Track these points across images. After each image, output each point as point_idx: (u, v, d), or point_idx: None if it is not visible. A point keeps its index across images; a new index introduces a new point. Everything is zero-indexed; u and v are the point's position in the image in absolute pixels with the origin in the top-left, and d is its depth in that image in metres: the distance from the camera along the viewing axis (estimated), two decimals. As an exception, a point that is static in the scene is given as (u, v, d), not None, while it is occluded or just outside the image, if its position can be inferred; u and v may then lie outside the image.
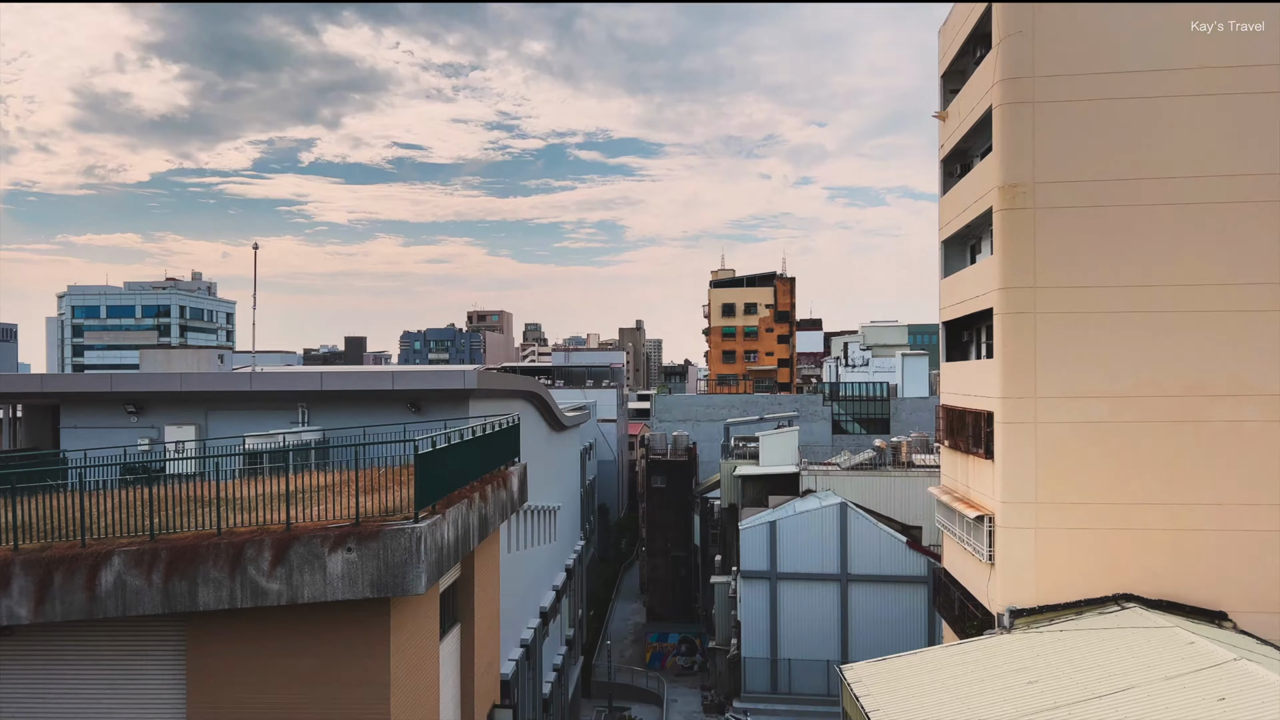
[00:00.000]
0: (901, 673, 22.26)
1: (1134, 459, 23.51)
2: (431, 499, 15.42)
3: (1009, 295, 23.96)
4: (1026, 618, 23.49)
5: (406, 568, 14.14)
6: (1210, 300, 23.13)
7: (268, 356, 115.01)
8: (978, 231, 28.85)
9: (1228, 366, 23.10)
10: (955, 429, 28.74)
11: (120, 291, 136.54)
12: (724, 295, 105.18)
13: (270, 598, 13.97)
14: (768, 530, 44.41)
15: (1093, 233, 23.61)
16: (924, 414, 72.14)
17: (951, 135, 29.52)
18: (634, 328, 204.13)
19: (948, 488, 30.21)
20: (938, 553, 36.76)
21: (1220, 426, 23.15)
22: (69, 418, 24.33)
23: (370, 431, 21.78)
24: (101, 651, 14.78)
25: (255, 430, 22.38)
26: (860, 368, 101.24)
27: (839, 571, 43.83)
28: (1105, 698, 17.85)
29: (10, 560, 13.79)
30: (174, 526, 14.68)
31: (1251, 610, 22.85)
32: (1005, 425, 24.09)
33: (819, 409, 75.92)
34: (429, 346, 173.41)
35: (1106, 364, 23.58)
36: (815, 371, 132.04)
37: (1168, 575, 23.27)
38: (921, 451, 51.10)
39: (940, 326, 31.34)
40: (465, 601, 20.26)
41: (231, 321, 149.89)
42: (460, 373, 23.28)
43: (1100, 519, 23.57)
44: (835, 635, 44.08)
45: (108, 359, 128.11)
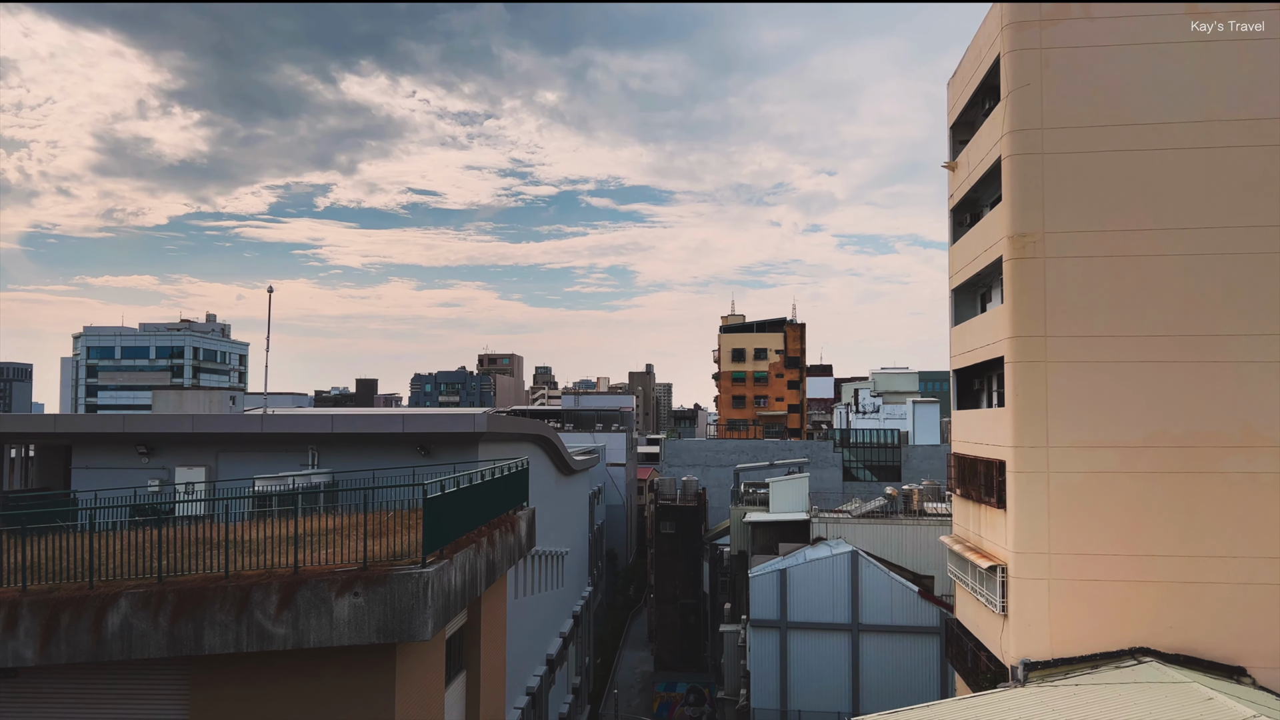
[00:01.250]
0: (913, 726, 21.83)
1: (1148, 510, 23.26)
2: (439, 543, 15.37)
3: (1020, 344, 23.94)
4: (1041, 670, 23.09)
5: (413, 613, 14.05)
6: (1221, 351, 23.05)
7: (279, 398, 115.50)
8: (988, 280, 28.92)
9: (1240, 417, 22.94)
10: (967, 477, 28.53)
11: (135, 333, 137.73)
12: (734, 340, 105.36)
13: (276, 642, 13.89)
14: (778, 578, 43.95)
15: (1103, 282, 23.63)
16: (935, 461, 71.70)
17: (961, 185, 29.75)
18: (644, 371, 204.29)
19: (959, 537, 29.91)
20: (950, 603, 36.29)
21: (1234, 478, 22.92)
22: (81, 458, 24.43)
23: (380, 474, 21.80)
24: (105, 694, 14.67)
25: (265, 472, 22.40)
26: (871, 414, 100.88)
27: (850, 621, 43.25)
28: (1122, 755, 17.45)
29: (18, 601, 13.78)
30: (182, 569, 14.65)
31: (1270, 665, 22.41)
32: (1017, 474, 23.90)
33: (829, 455, 75.54)
34: (439, 389, 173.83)
35: (1118, 414, 23.45)
36: (825, 417, 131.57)
37: (1184, 628, 22.88)
38: (933, 499, 50.70)
39: (951, 374, 31.27)
40: (471, 648, 20.07)
41: (244, 363, 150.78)
42: (470, 416, 23.32)
43: (1115, 570, 23.26)
44: (846, 686, 43.35)
45: (121, 399, 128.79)
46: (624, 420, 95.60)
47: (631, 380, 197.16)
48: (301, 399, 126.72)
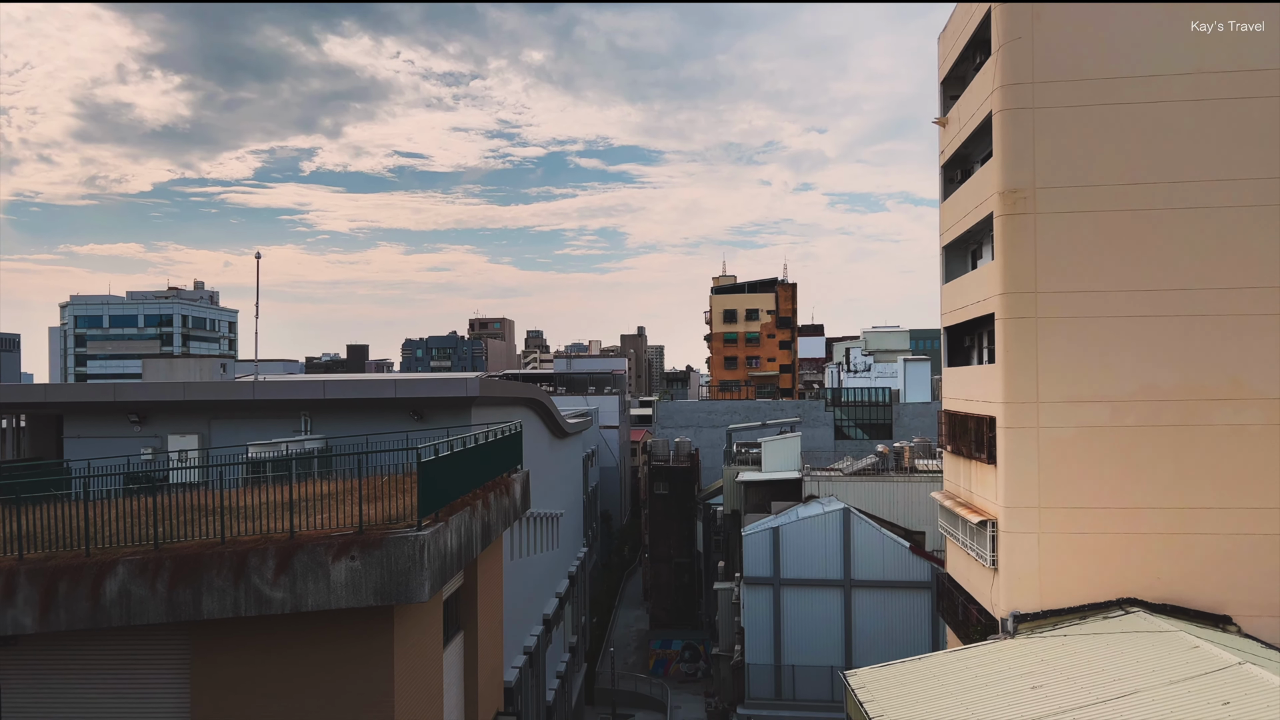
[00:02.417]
0: (905, 678, 22.23)
1: (1137, 463, 23.51)
2: (434, 507, 15.45)
3: (1010, 300, 23.99)
4: (1030, 623, 23.47)
5: (410, 575, 14.17)
6: (1211, 304, 23.16)
7: (270, 365, 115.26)
8: (978, 237, 28.90)
9: (1228, 370, 23.11)
10: (957, 434, 28.75)
11: (123, 301, 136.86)
12: (725, 301, 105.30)
13: (274, 606, 14.00)
14: (771, 536, 44.39)
15: (1094, 237, 23.65)
16: (926, 419, 72.15)
17: (952, 141, 29.60)
18: (636, 334, 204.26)
19: (950, 493, 30.21)
20: (941, 558, 36.72)
21: (1222, 430, 23.15)
22: (72, 427, 24.39)
23: (373, 440, 21.83)
24: (105, 660, 14.80)
25: (258, 439, 22.42)
26: (862, 373, 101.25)
27: (842, 577, 43.79)
28: (1110, 702, 17.82)
29: (15, 570, 13.83)
30: (178, 535, 14.71)
31: (1256, 614, 22.82)
32: (1007, 430, 24.09)
33: (821, 414, 75.92)
34: (431, 354, 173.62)
35: (1108, 368, 23.60)
36: (817, 377, 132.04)
37: (1172, 579, 23.25)
38: (924, 456, 51.10)
39: (942, 332, 31.37)
40: (468, 609, 20.27)
41: (234, 330, 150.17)
42: (462, 380, 23.31)
43: (1104, 523, 23.56)
44: (839, 641, 44.01)
45: (110, 369, 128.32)
46: (616, 383, 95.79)
47: (623, 343, 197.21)
48: (292, 366, 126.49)
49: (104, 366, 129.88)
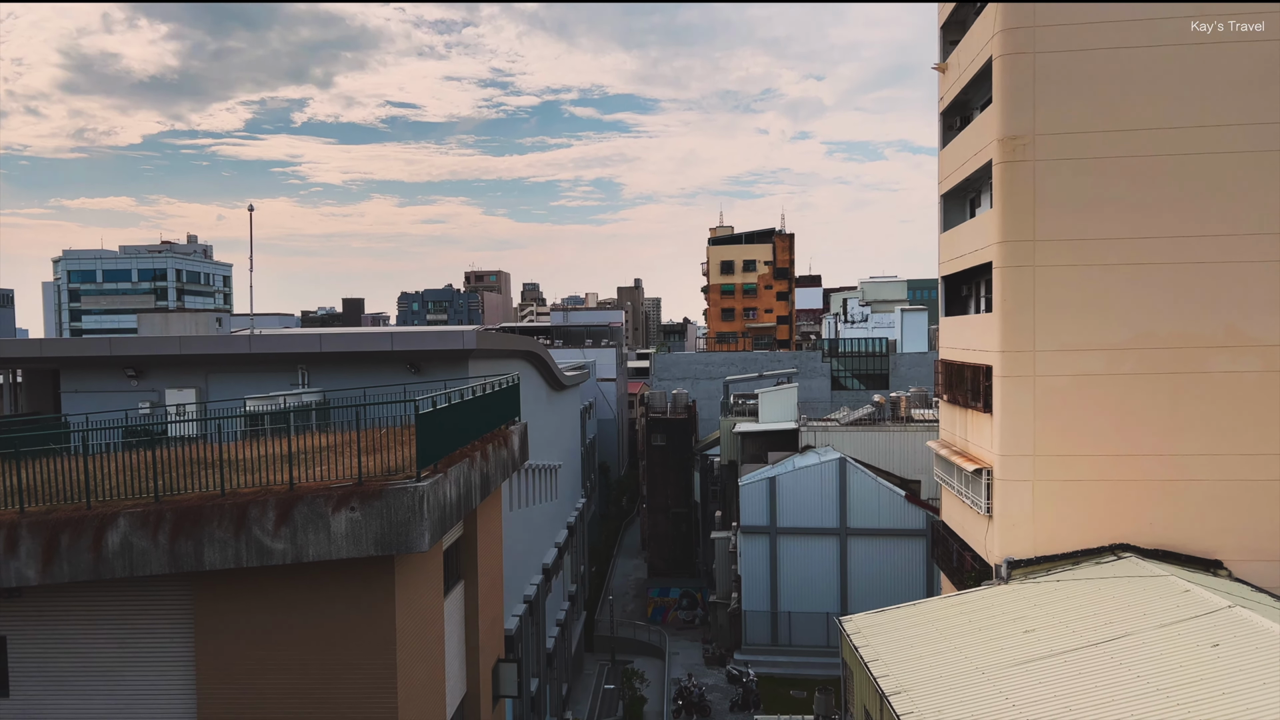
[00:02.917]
0: (900, 623, 22.58)
1: (1131, 411, 23.63)
2: (433, 458, 15.51)
3: (1008, 249, 23.89)
4: (1024, 568, 23.78)
5: (410, 526, 14.27)
6: (1208, 251, 23.08)
7: (266, 319, 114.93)
8: (977, 185, 28.67)
9: (1225, 317, 23.12)
10: (954, 383, 28.82)
11: (116, 256, 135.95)
12: (722, 252, 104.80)
13: (275, 557, 14.11)
14: (767, 486, 44.73)
15: (1092, 185, 23.47)
16: (923, 369, 72.30)
17: (951, 87, 29.20)
18: (632, 286, 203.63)
19: (946, 441, 30.38)
20: (936, 506, 37.08)
21: (1217, 377, 23.23)
22: (69, 382, 24.36)
23: (370, 393, 21.84)
24: (109, 611, 14.97)
25: (255, 392, 22.41)
26: (859, 324, 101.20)
27: (838, 526, 44.24)
28: (1100, 645, 18.13)
29: (17, 523, 13.91)
30: (178, 488, 14.77)
31: (1246, 559, 23.13)
32: (1004, 379, 24.16)
33: (818, 365, 76.03)
34: (427, 307, 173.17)
35: (1105, 317, 23.59)
36: (814, 328, 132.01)
37: (1164, 525, 23.51)
38: (920, 406, 51.29)
39: (939, 281, 31.29)
40: (468, 559, 20.47)
41: (228, 284, 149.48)
42: (459, 333, 23.24)
43: (1098, 471, 23.75)
44: (834, 588, 44.61)
45: (105, 323, 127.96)
46: (613, 335, 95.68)
47: (620, 295, 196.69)
48: (288, 319, 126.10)
49: (99, 321, 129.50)
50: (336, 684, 14.73)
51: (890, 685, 18.99)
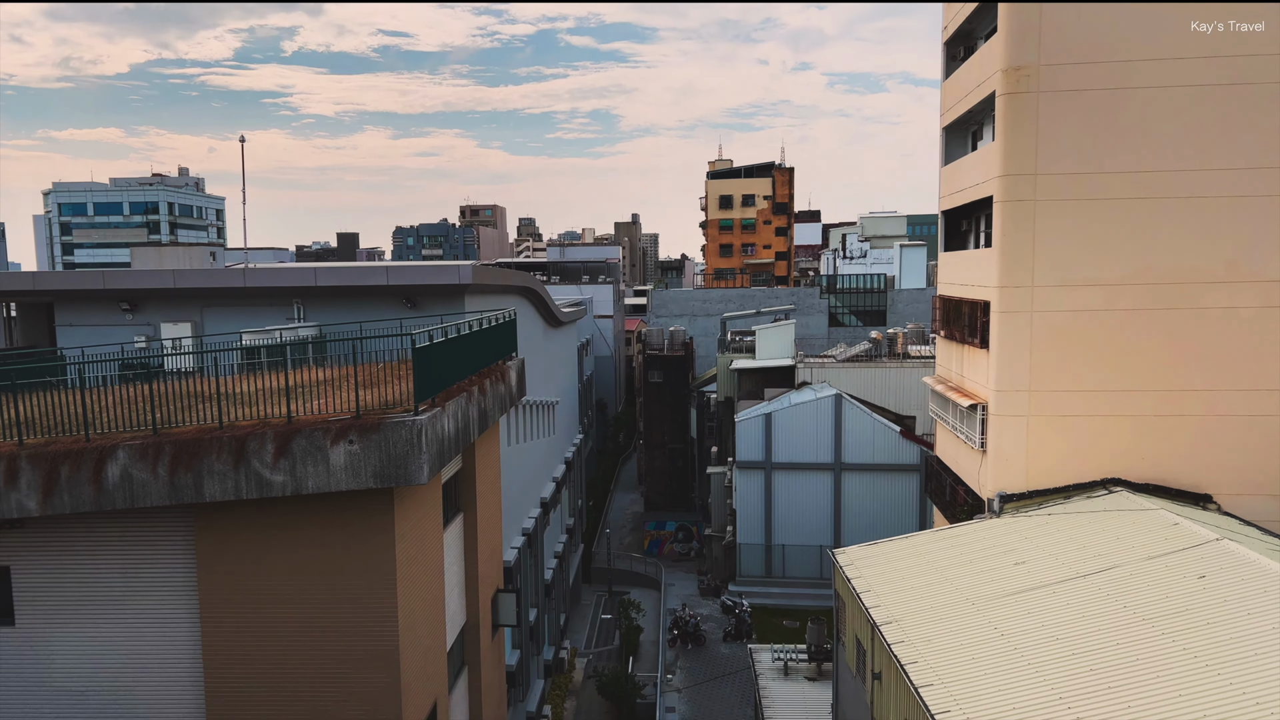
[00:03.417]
0: (892, 555, 22.93)
1: (1128, 346, 23.67)
2: (430, 392, 15.53)
3: (1009, 183, 23.63)
4: (1016, 502, 24.07)
5: (408, 459, 14.35)
6: (1209, 185, 22.86)
7: (260, 254, 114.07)
8: (980, 117, 28.24)
9: (1226, 253, 23.02)
10: (951, 319, 28.80)
11: (106, 188, 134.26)
12: (721, 187, 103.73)
13: (275, 489, 14.22)
14: (763, 422, 45.03)
15: (1095, 118, 23.12)
16: (921, 305, 72.22)
17: (955, 16, 28.55)
18: (630, 222, 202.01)
19: (942, 377, 30.49)
20: (930, 441, 37.38)
21: (1214, 313, 23.22)
22: (64, 315, 24.25)
23: (366, 327, 21.77)
24: (112, 542, 15.13)
25: (250, 326, 22.35)
26: (858, 260, 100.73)
27: (833, 461, 44.67)
28: (1089, 577, 18.45)
29: (16, 455, 13.97)
30: (176, 421, 14.81)
31: (1236, 493, 23.42)
32: (1001, 314, 24.12)
33: (816, 302, 75.91)
34: (422, 242, 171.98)
35: (1104, 252, 23.47)
36: (813, 264, 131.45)
37: (1156, 460, 23.74)
38: (917, 343, 51.36)
39: (939, 216, 31.03)
40: (467, 492, 20.66)
41: (221, 218, 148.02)
42: (455, 268, 23.09)
43: (1092, 406, 23.89)
44: (828, 522, 45.25)
45: (98, 257, 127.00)
46: (610, 272, 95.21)
47: (617, 231, 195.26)
48: (283, 254, 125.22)
49: (92, 255, 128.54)
50: (339, 613, 14.97)
51: (882, 615, 19.36)
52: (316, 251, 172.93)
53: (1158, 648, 15.14)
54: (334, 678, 15.07)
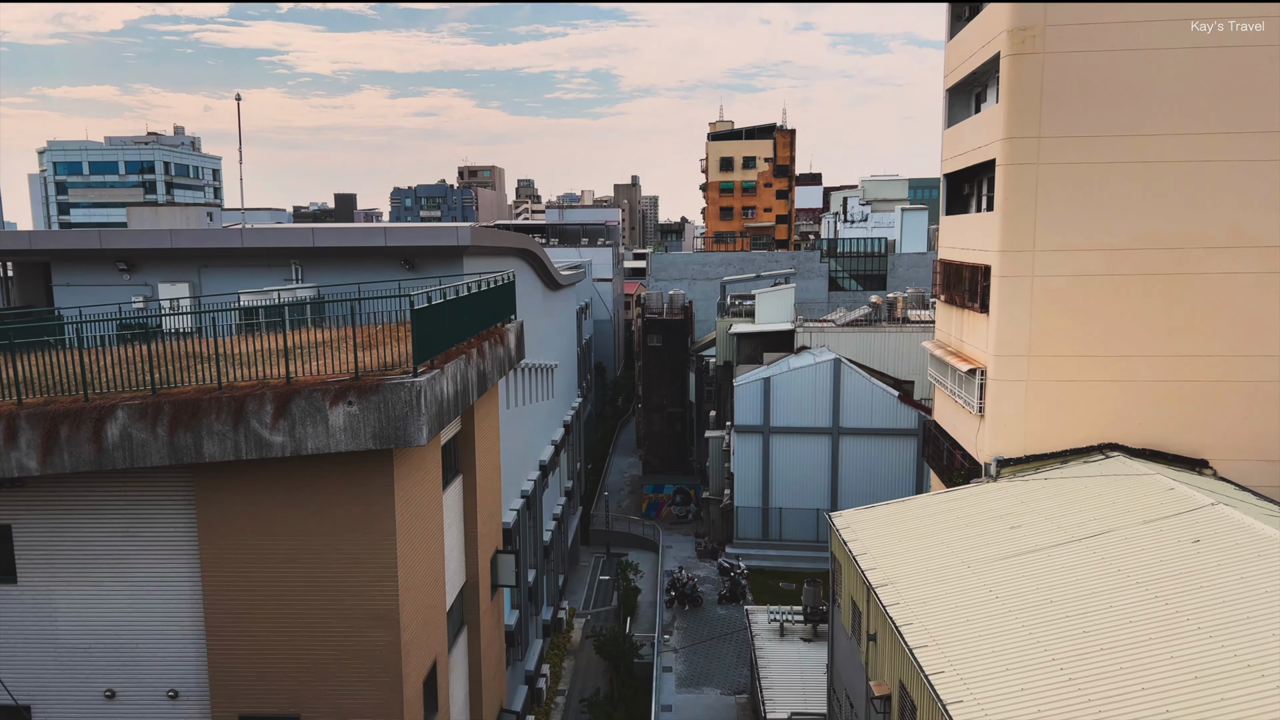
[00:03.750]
0: (888, 519, 23.09)
1: (1128, 311, 23.63)
2: (429, 354, 15.50)
3: (1012, 145, 23.42)
4: (1013, 467, 24.18)
5: (407, 420, 14.36)
6: (1216, 149, 22.67)
7: (257, 214, 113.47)
8: (984, 79, 27.92)
9: (1228, 217, 22.89)
10: (952, 283, 28.72)
11: (102, 147, 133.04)
12: (722, 148, 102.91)
13: (275, 449, 14.25)
14: (762, 386, 45.10)
15: (1102, 78, 22.86)
16: (921, 270, 72.02)
17: (962, -25, 28.10)
18: (629, 184, 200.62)
19: (941, 342, 30.47)
20: (928, 406, 37.46)
21: (1216, 278, 23.15)
22: (60, 275, 24.14)
23: (364, 288, 21.68)
24: (113, 502, 15.20)
25: (248, 287, 22.26)
26: (859, 223, 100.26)
27: (831, 425, 44.82)
28: (1084, 541, 18.58)
29: (15, 414, 13.97)
30: (174, 381, 14.80)
31: (1232, 458, 23.52)
32: (1002, 279, 24.05)
33: (816, 266, 75.69)
34: (420, 203, 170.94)
35: (1107, 216, 23.34)
36: (814, 228, 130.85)
37: (1153, 425, 23.81)
38: (917, 307, 51.29)
39: (941, 179, 30.81)
40: (466, 453, 20.73)
41: (218, 178, 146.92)
42: (454, 229, 22.94)
43: (1091, 371, 23.91)
44: (825, 486, 45.52)
45: (94, 217, 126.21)
46: (610, 234, 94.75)
47: (617, 193, 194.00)
48: (280, 214, 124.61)
49: (88, 215, 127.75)
50: (339, 573, 15.09)
51: (877, 577, 19.53)
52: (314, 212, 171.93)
53: (1151, 611, 15.29)
54: (335, 636, 15.23)
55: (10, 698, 15.48)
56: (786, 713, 26.34)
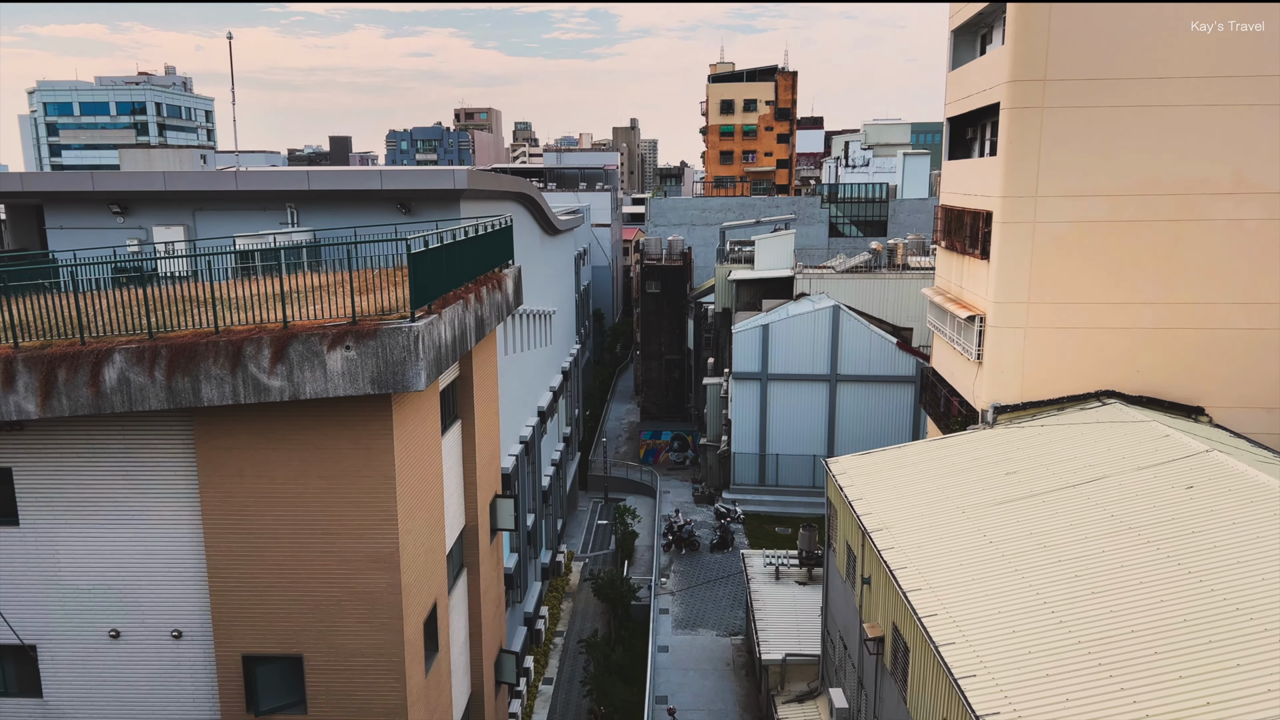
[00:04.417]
0: (884, 465, 23.24)
1: (1129, 258, 23.51)
2: (427, 299, 15.42)
3: (1017, 88, 23.06)
4: (1010, 413, 24.27)
5: (406, 365, 14.34)
6: (1219, 93, 22.33)
7: (251, 157, 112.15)
8: (990, 20, 27.38)
9: (1233, 163, 22.65)
10: (953, 229, 28.52)
11: (92, 87, 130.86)
12: (723, 91, 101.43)
13: (273, 394, 14.24)
14: (760, 333, 45.08)
15: (1108, 21, 22.42)
16: (923, 215, 71.55)
17: (970, -89, 27.37)
18: (628, 127, 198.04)
19: (941, 289, 30.36)
20: (927, 353, 37.48)
21: (1219, 225, 23.00)
22: (54, 218, 23.90)
23: (360, 233, 21.49)
24: (113, 445, 15.23)
25: (243, 231, 22.05)
26: (861, 168, 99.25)
27: (829, 372, 44.91)
28: (1078, 487, 18.73)
29: (12, 358, 13.93)
30: (171, 325, 14.73)
31: (1229, 405, 23.62)
32: (1003, 225, 23.86)
33: (816, 211, 75.14)
34: (416, 146, 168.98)
35: (1111, 161, 23.08)
36: (815, 173, 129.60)
37: (1151, 372, 23.85)
38: (917, 254, 51.03)
39: (944, 123, 30.40)
40: (465, 399, 20.76)
41: (211, 120, 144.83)
42: (450, 172, 22.66)
43: (1090, 318, 23.86)
44: (822, 432, 45.78)
45: (86, 159, 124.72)
46: (608, 179, 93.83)
47: (615, 136, 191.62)
48: (274, 157, 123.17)
49: (80, 157, 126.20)
50: (340, 516, 15.20)
51: (873, 522, 19.72)
52: (308, 155, 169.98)
53: (1143, 555, 15.47)
54: (336, 578, 15.40)
55: (16, 638, 15.71)
56: (781, 654, 26.82)
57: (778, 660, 26.62)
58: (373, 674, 15.72)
